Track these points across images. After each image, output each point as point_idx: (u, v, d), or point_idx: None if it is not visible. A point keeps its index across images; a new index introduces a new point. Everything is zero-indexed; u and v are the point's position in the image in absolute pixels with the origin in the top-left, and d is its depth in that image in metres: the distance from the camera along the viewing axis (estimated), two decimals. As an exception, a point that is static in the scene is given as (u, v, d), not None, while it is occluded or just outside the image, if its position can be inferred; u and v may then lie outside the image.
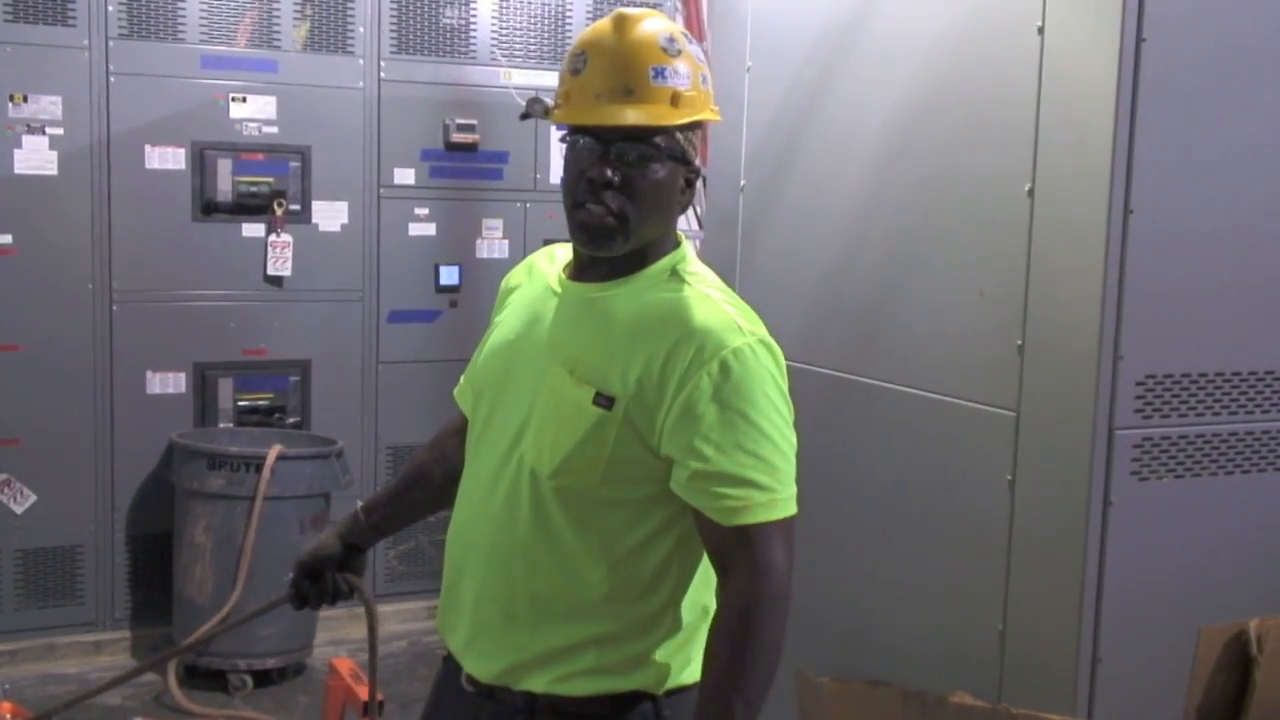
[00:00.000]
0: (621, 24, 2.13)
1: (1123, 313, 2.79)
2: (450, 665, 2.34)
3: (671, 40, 2.13)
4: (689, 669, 2.18)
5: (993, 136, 3.07)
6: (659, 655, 2.17)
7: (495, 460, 2.21)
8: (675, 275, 2.18)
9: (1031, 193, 2.94)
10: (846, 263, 3.56)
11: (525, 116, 2.29)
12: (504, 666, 2.19)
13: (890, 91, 3.40)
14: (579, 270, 2.23)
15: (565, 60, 2.18)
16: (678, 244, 2.23)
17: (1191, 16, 2.80)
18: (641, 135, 2.10)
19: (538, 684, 2.16)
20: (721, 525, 2.05)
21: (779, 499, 2.07)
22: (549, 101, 2.23)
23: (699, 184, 6.08)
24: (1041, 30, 2.93)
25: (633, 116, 2.08)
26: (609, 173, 2.09)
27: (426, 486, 2.55)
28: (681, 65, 2.12)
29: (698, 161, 2.21)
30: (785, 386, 2.13)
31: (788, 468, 2.09)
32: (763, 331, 2.14)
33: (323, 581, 2.63)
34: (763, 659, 2.03)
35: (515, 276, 2.41)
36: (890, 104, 3.40)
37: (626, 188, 2.10)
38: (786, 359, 2.16)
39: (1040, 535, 2.93)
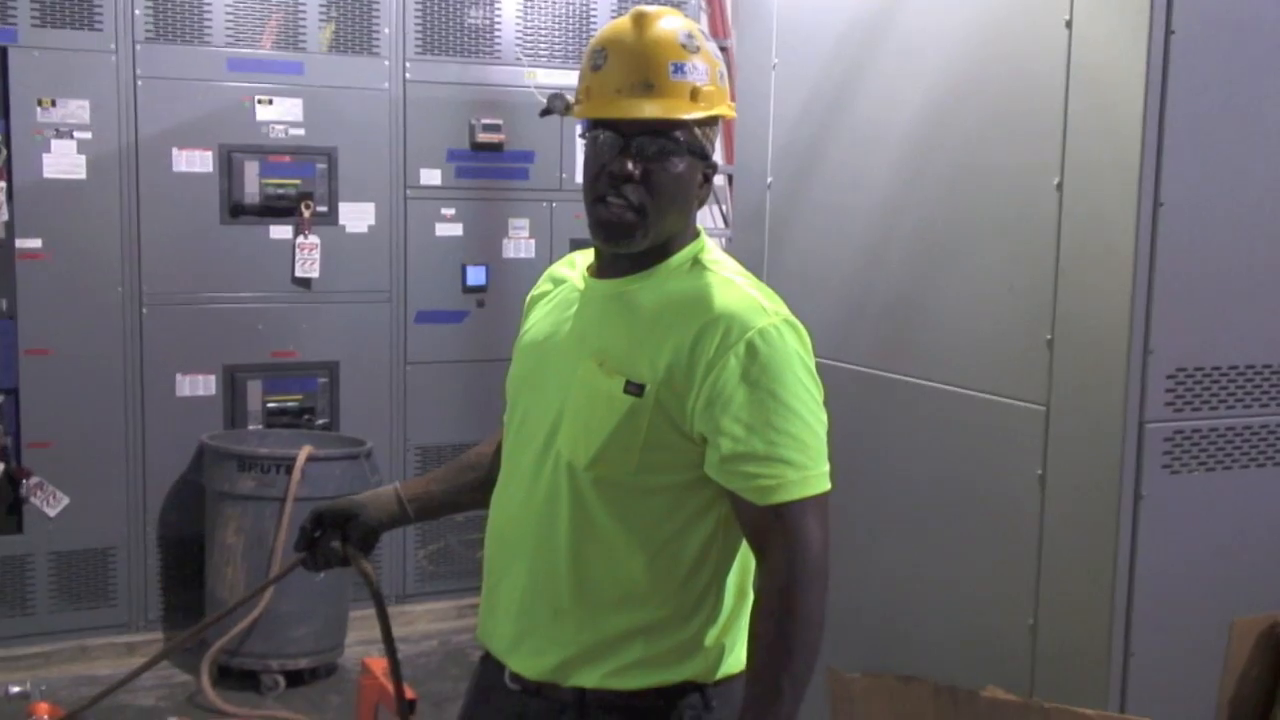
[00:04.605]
0: (641, 21, 2.16)
1: (1153, 306, 2.79)
2: (490, 664, 2.34)
3: (690, 37, 2.16)
4: (733, 656, 2.20)
5: (1021, 130, 3.06)
6: (704, 642, 2.18)
7: (532, 458, 2.23)
8: (697, 264, 2.21)
9: (1060, 186, 2.94)
10: (875, 259, 3.56)
11: (546, 112, 2.31)
12: (554, 663, 2.20)
13: (917, 86, 3.39)
14: (601, 268, 2.26)
15: (585, 57, 2.21)
16: (696, 235, 2.26)
17: (1220, 8, 2.79)
18: (661, 129, 2.12)
19: (589, 679, 2.18)
20: (756, 505, 2.08)
21: (812, 475, 2.08)
22: (570, 98, 2.26)
23: (725, 183, 6.04)
24: (1069, 23, 2.92)
25: (652, 110, 2.11)
26: (629, 166, 2.12)
27: (480, 469, 2.52)
28: (700, 61, 2.15)
29: (715, 157, 2.24)
30: (812, 365, 2.15)
31: (819, 445, 2.11)
32: (787, 312, 2.16)
33: (323, 539, 2.48)
34: (805, 636, 2.05)
35: (538, 288, 2.44)
36: (917, 99, 3.39)
37: (646, 181, 2.13)
38: (816, 356, 2.17)
39: (1071, 529, 2.92)
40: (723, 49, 6.97)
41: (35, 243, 5.45)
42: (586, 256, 2.33)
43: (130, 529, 5.71)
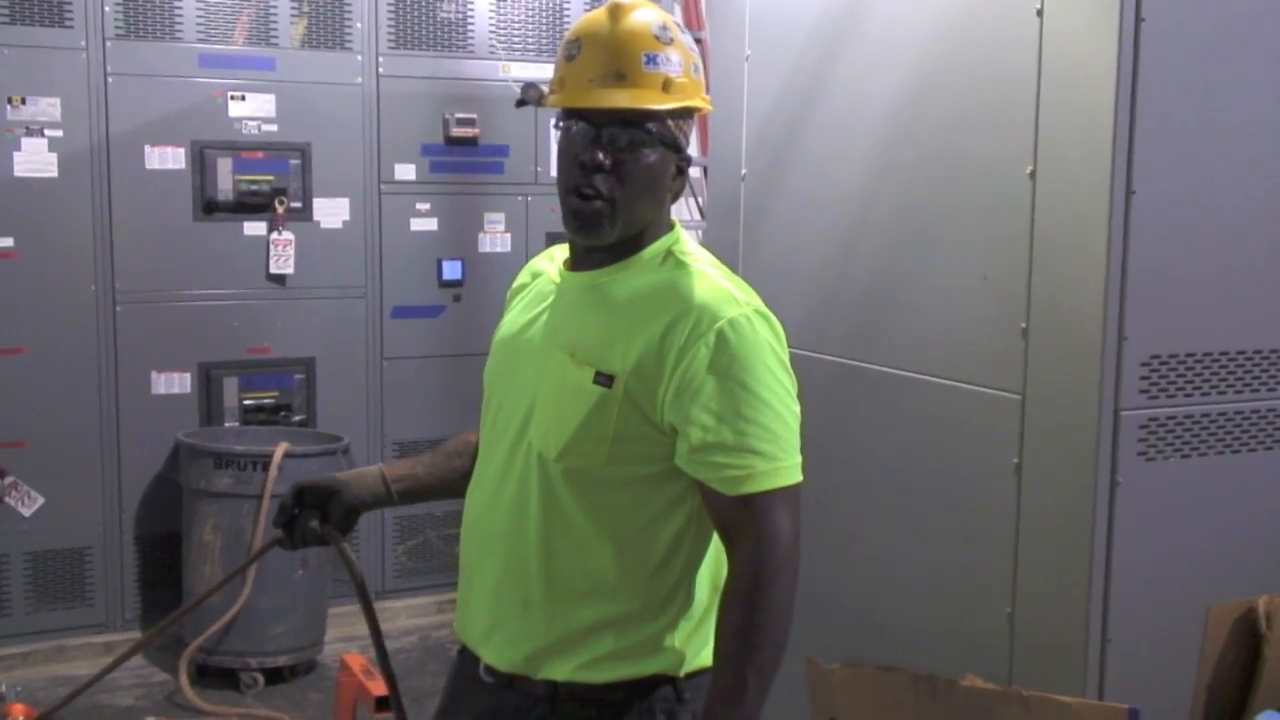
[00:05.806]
0: (615, 12, 2.17)
1: (1126, 294, 2.79)
2: (466, 658, 2.35)
3: (664, 28, 2.16)
4: (706, 649, 2.19)
5: (993, 119, 3.07)
6: (676, 636, 2.19)
7: (505, 450, 2.24)
8: (671, 256, 2.21)
9: (1033, 175, 2.94)
10: (849, 249, 3.56)
11: (521, 103, 2.32)
12: (524, 654, 2.20)
13: (890, 76, 3.39)
14: (576, 261, 2.26)
15: (561, 47, 2.22)
16: (671, 228, 2.25)
17: (1190, -5, 2.80)
18: (633, 120, 2.12)
19: (559, 672, 2.18)
20: (725, 495, 2.08)
21: (782, 467, 2.08)
22: (544, 88, 2.26)
23: (700, 175, 6.02)
24: (1040, 12, 2.92)
25: (624, 100, 2.11)
26: (600, 156, 2.12)
27: (466, 457, 2.51)
28: (673, 53, 2.15)
29: (689, 150, 2.24)
30: (785, 357, 2.15)
31: (790, 436, 2.11)
32: (759, 303, 2.16)
33: (302, 518, 2.45)
34: (773, 628, 2.05)
35: (518, 281, 2.45)
36: (890, 89, 3.39)
37: (617, 172, 2.13)
38: (791, 347, 2.17)
39: (1048, 517, 2.93)
40: (697, 41, 6.98)
41: (7, 241, 5.41)
42: (565, 250, 2.33)
43: (106, 528, 5.68)
